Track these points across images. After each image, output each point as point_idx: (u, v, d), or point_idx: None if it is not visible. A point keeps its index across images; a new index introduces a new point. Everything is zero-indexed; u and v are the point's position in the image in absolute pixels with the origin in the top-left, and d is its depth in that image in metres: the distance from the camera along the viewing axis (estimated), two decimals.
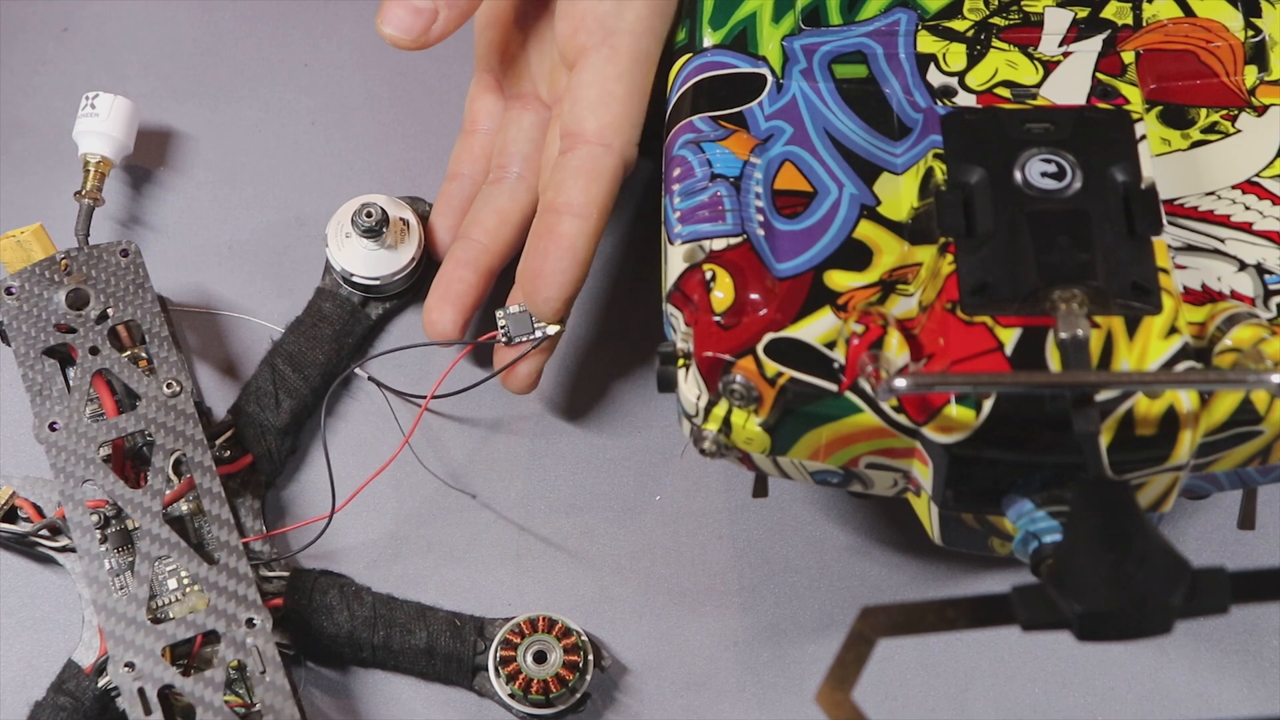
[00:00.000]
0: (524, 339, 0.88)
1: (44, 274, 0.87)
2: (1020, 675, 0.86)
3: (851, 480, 0.76)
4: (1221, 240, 0.75)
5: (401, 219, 0.91)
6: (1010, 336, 0.70)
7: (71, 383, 0.86)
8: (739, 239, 0.75)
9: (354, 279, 0.91)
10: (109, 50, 1.00)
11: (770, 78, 0.80)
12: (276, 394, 0.89)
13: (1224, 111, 0.79)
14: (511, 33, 0.92)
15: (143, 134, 0.96)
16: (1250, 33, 0.80)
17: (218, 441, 0.88)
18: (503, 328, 0.88)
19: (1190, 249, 0.75)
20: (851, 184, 0.77)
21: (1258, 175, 0.77)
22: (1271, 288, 0.73)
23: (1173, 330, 0.70)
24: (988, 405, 0.69)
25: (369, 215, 0.90)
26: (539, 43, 0.91)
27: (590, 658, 0.84)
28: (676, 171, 0.77)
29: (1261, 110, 0.79)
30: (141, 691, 0.80)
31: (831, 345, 0.72)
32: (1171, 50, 0.80)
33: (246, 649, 0.81)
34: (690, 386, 0.74)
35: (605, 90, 0.84)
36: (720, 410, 0.73)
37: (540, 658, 0.83)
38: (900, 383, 0.68)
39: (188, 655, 0.83)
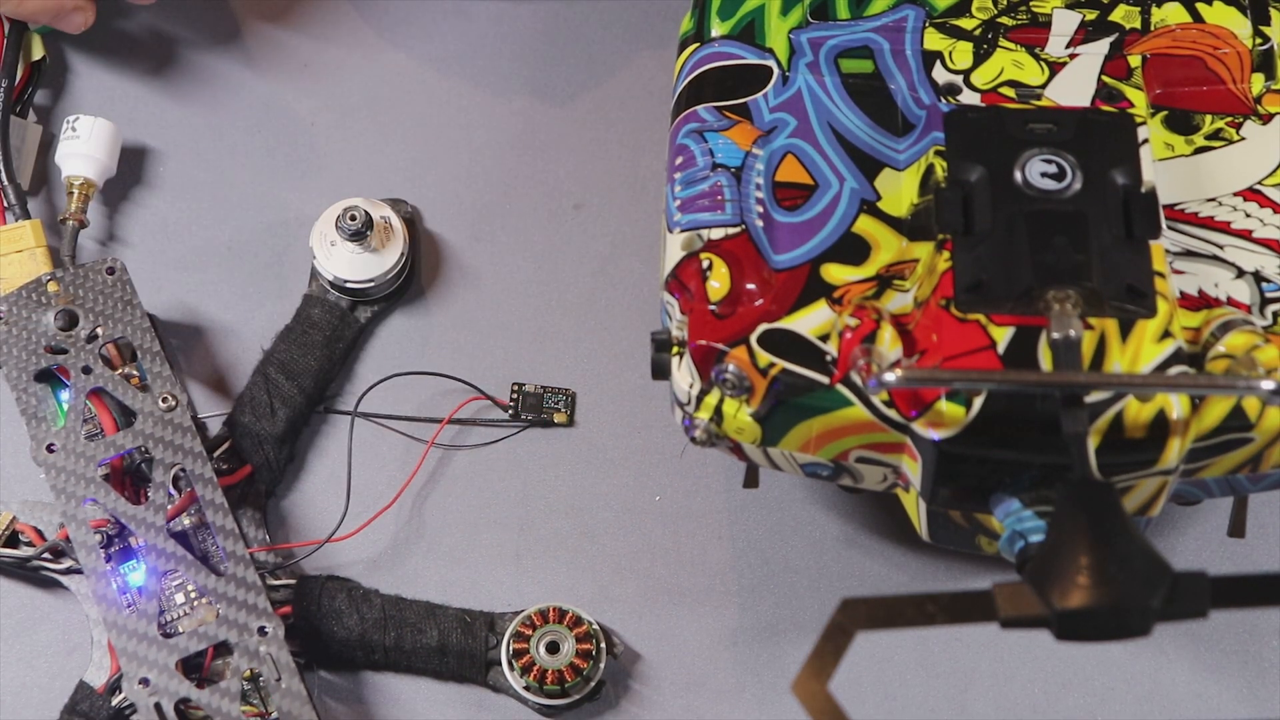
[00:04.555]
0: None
1: (31, 296, 0.87)
2: (1020, 675, 0.86)
3: (841, 474, 0.76)
4: (1220, 247, 0.75)
5: (384, 219, 0.92)
6: (1003, 335, 0.70)
7: (66, 403, 0.86)
8: (737, 229, 0.75)
9: (343, 284, 0.91)
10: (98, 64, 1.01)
11: (776, 70, 0.80)
12: (271, 403, 0.89)
13: (1229, 118, 0.78)
14: None
15: (125, 151, 0.97)
16: (1259, 40, 0.80)
17: (215, 454, 0.88)
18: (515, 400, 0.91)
19: (1189, 254, 0.75)
20: (853, 178, 0.77)
21: (1260, 183, 0.77)
22: (1269, 295, 0.73)
23: (1166, 334, 0.70)
24: (978, 403, 0.69)
25: (353, 219, 0.90)
26: None
27: (603, 645, 0.84)
28: (679, 160, 0.78)
29: (1267, 118, 0.78)
30: (158, 707, 0.80)
31: (825, 338, 0.72)
32: (1179, 55, 0.80)
33: (260, 657, 0.81)
34: (683, 374, 0.74)
35: None
36: (712, 399, 0.73)
37: (553, 648, 0.84)
38: (891, 376, 0.68)
39: (200, 669, 0.83)
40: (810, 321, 0.73)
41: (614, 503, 0.90)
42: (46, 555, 0.86)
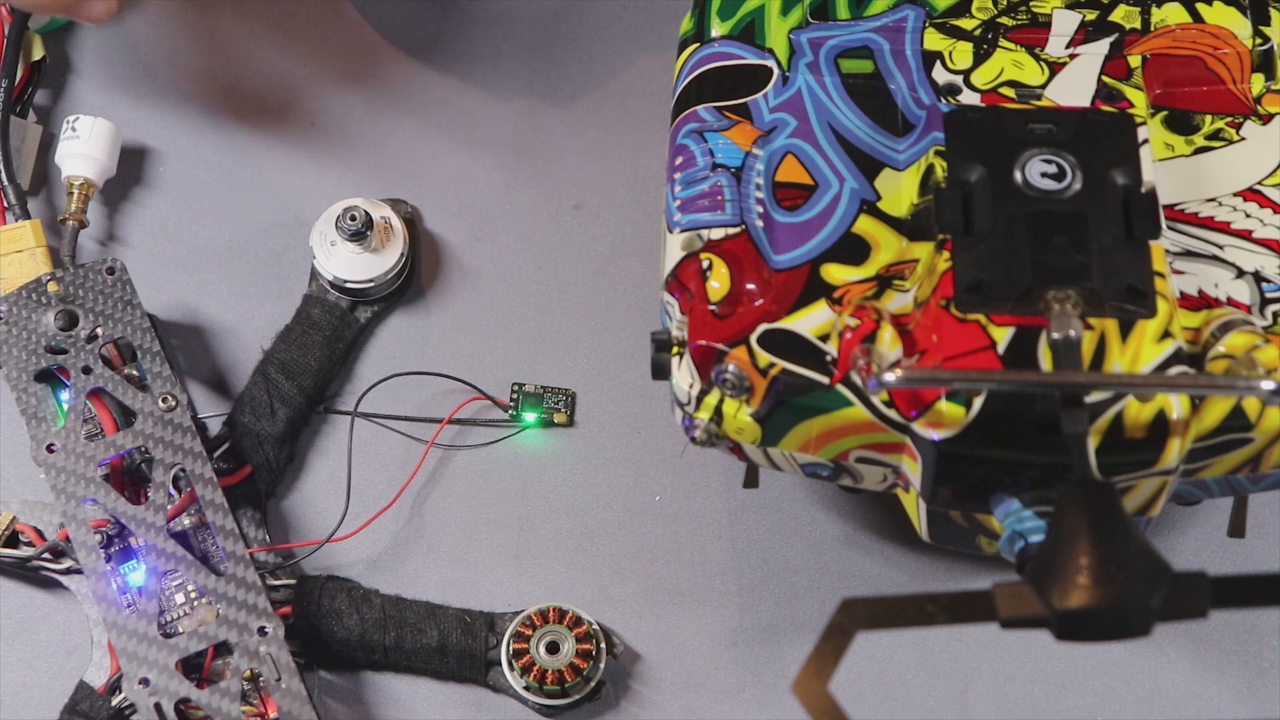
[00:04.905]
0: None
1: (31, 297, 0.87)
2: (1020, 675, 0.86)
3: (841, 474, 0.76)
4: (1220, 247, 0.75)
5: (384, 219, 0.91)
6: (1003, 335, 0.70)
7: (66, 403, 0.86)
8: (738, 229, 0.75)
9: (343, 284, 0.91)
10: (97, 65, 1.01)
11: (776, 70, 0.80)
12: (271, 403, 0.89)
13: (1229, 119, 0.78)
14: None
15: (125, 151, 0.97)
16: (1258, 40, 0.80)
17: (215, 454, 0.87)
18: (515, 401, 0.91)
19: (1189, 254, 0.75)
20: (853, 178, 0.77)
21: (1260, 183, 0.77)
22: (1268, 295, 0.73)
23: (1166, 334, 0.70)
24: (978, 403, 0.69)
25: (353, 219, 0.90)
26: None
27: (603, 645, 0.84)
28: (679, 160, 0.78)
29: (1267, 119, 0.78)
30: (158, 707, 0.80)
31: (825, 338, 0.72)
32: (1179, 56, 0.80)
33: (260, 657, 0.81)
34: (683, 374, 0.74)
35: None
36: (712, 399, 0.73)
37: (553, 648, 0.84)
38: (891, 377, 0.68)
39: (200, 669, 0.83)
40: (810, 321, 0.73)
41: (614, 503, 0.90)
42: (46, 555, 0.86)
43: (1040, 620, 0.63)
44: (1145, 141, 0.75)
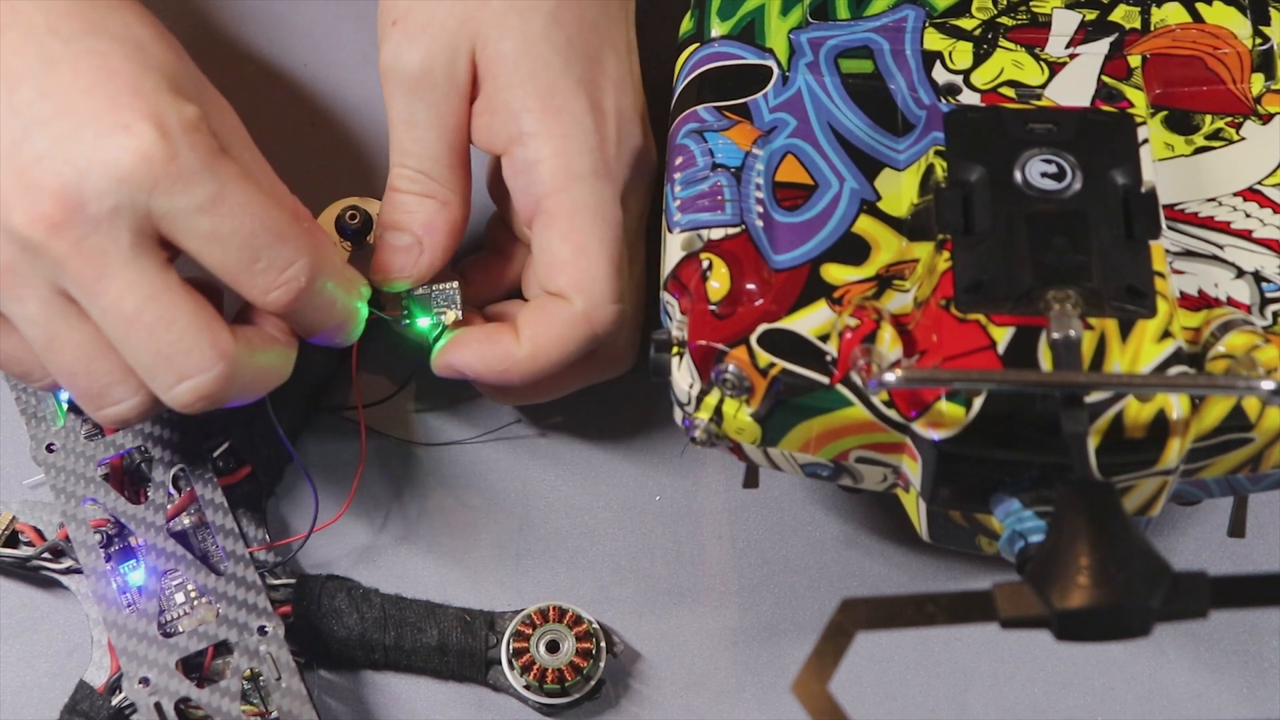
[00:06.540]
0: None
1: None
2: (1020, 675, 0.86)
3: (841, 474, 0.76)
4: (1220, 247, 0.75)
5: None
6: (1003, 335, 0.70)
7: (65, 403, 0.86)
8: (737, 229, 0.75)
9: None
10: None
11: (776, 70, 0.80)
12: (269, 403, 0.89)
13: (1229, 118, 0.79)
14: None
15: None
16: (1258, 40, 0.80)
17: (215, 454, 0.87)
18: (404, 309, 0.87)
19: (1189, 254, 0.75)
20: (853, 178, 0.77)
21: (1260, 183, 0.77)
22: (1268, 295, 0.73)
23: (1166, 334, 0.70)
24: (978, 403, 0.69)
25: (353, 219, 0.90)
26: None
27: (603, 644, 0.84)
28: (678, 160, 0.78)
29: (1266, 118, 0.78)
30: (158, 706, 0.80)
31: (825, 338, 0.73)
32: (1178, 56, 0.80)
33: (260, 657, 0.81)
34: (683, 374, 0.74)
35: (573, 245, 0.82)
36: (712, 399, 0.73)
37: (553, 647, 0.83)
38: (891, 377, 0.68)
39: (200, 668, 0.83)
40: (810, 321, 0.73)
41: (614, 503, 0.90)
42: (46, 555, 0.86)
43: (1040, 620, 0.63)
44: (1145, 141, 0.75)
